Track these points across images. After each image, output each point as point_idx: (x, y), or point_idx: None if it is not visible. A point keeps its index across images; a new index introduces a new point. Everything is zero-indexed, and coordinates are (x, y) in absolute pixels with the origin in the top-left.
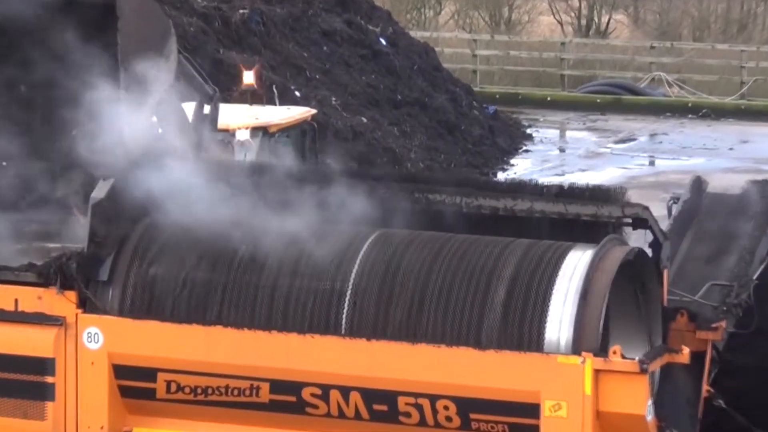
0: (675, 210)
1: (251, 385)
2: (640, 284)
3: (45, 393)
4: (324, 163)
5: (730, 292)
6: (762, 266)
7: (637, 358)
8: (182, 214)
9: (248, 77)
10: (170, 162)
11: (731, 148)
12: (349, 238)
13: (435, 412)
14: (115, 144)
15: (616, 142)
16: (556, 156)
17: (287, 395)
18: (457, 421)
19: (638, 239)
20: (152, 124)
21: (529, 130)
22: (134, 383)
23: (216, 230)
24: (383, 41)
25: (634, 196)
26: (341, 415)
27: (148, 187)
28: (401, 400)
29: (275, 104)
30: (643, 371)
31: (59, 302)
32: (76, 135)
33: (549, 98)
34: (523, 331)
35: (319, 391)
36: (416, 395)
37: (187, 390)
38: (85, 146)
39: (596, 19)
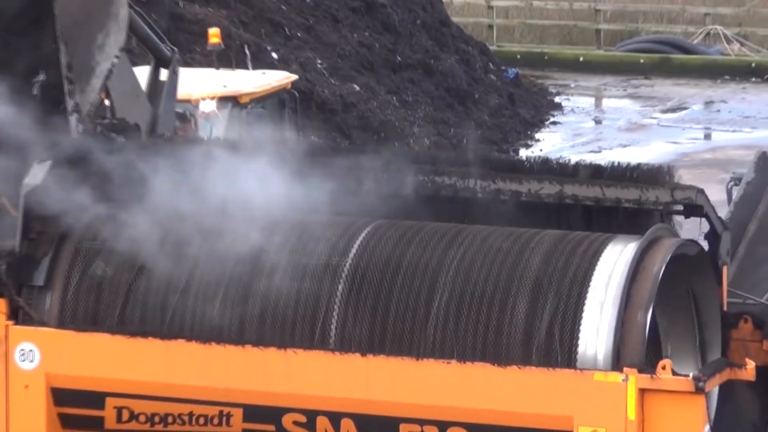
0: (736, 194)
1: (221, 411)
2: (694, 284)
3: None
4: (307, 140)
5: None
6: None
7: (691, 375)
8: (135, 202)
9: (214, 35)
10: (120, 140)
11: None
12: (339, 230)
13: None
14: (55, 121)
15: (664, 112)
16: (590, 129)
17: (264, 424)
18: None
19: (691, 230)
20: (97, 95)
21: (557, 98)
22: (78, 410)
23: (176, 221)
24: None
25: (686, 176)
26: None
27: (93, 172)
28: (404, 429)
29: (247, 68)
30: (699, 390)
31: None
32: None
33: (582, 59)
34: (551, 343)
35: (303, 419)
36: (422, 422)
37: (142, 418)
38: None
39: None
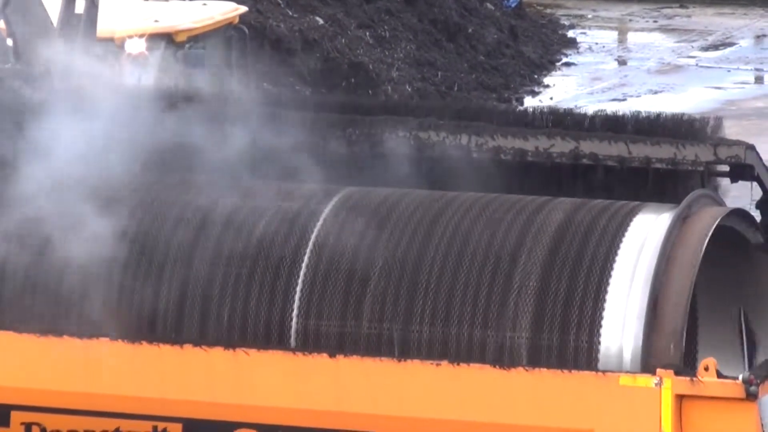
0: None
1: (155, 427)
2: (743, 264)
3: None
4: (259, 87)
5: None
6: None
7: (740, 377)
8: (43, 163)
9: None
10: (24, 89)
11: None
12: (301, 200)
13: None
14: None
15: (705, 49)
16: (613, 71)
17: None
18: None
19: (740, 196)
20: None
21: (571, 33)
22: None
23: (95, 189)
24: None
25: (732, 130)
26: None
27: None
28: None
29: None
30: (750, 396)
31: None
32: None
33: None
34: (566, 339)
35: None
36: None
37: None
38: None
39: None
